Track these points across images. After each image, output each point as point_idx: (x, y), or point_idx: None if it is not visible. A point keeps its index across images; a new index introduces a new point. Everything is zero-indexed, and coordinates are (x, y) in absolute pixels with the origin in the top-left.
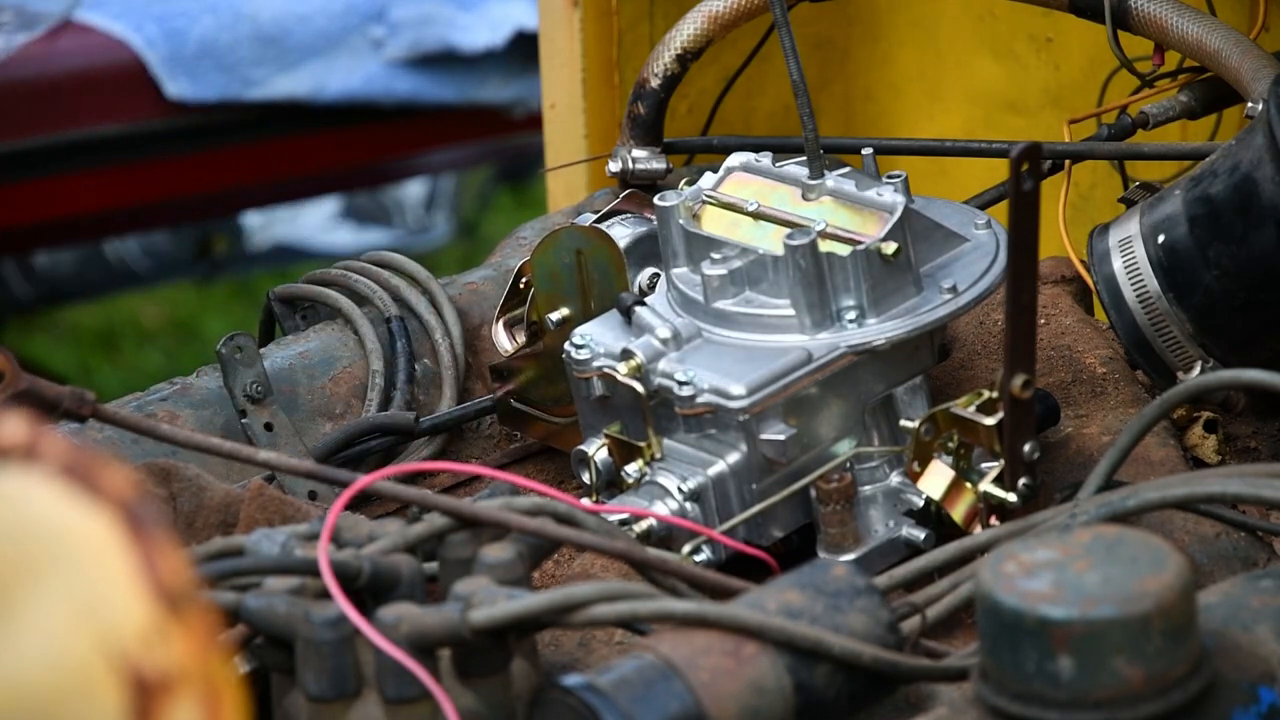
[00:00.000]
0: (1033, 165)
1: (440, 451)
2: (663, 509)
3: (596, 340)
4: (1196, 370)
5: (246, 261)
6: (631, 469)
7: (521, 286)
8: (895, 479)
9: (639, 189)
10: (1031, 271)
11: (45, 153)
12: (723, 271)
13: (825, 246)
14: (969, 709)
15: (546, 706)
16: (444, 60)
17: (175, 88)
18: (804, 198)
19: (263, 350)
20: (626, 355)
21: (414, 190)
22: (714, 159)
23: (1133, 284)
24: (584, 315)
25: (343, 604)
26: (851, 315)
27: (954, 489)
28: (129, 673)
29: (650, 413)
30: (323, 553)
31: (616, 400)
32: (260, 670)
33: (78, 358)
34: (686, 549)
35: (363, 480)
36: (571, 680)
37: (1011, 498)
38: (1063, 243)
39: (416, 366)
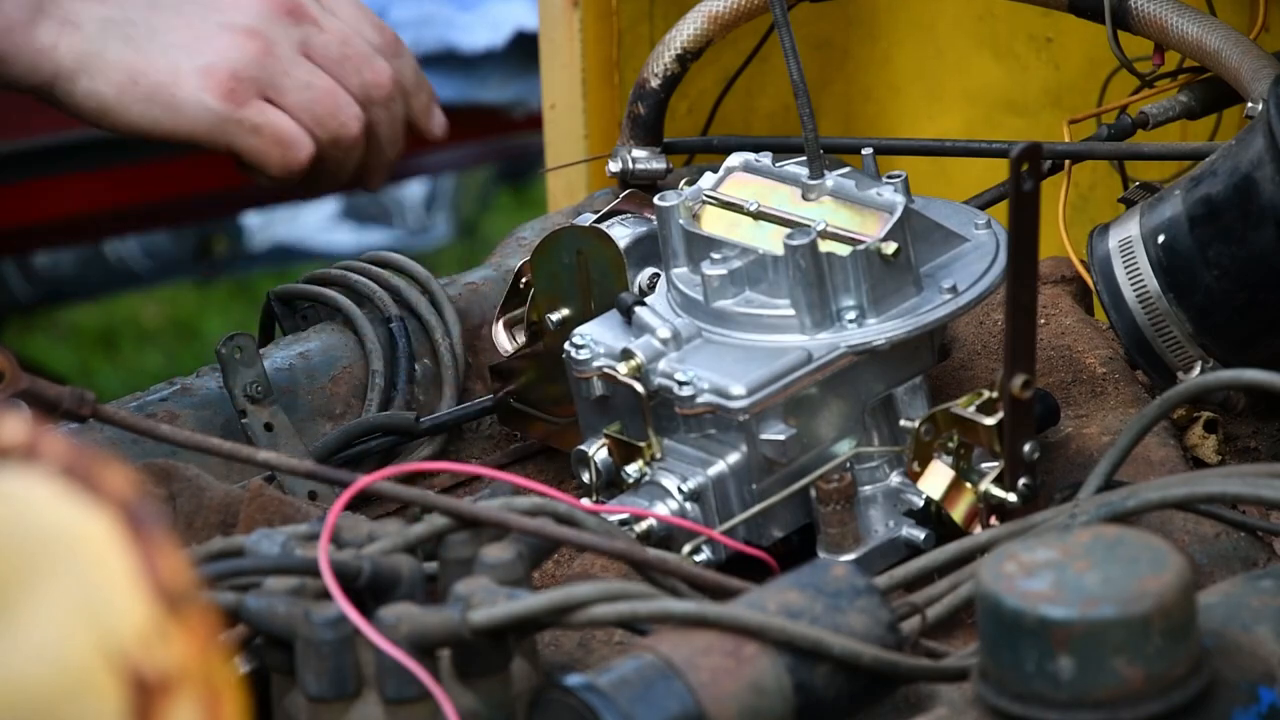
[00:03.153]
0: (1033, 165)
1: (440, 451)
2: (663, 509)
3: (596, 340)
4: (1196, 370)
5: (246, 261)
6: (631, 469)
7: (521, 286)
8: (895, 479)
9: (639, 189)
10: (1031, 271)
11: (45, 153)
12: (723, 271)
13: (825, 246)
14: (969, 709)
15: (546, 706)
16: (444, 60)
17: None
18: (804, 198)
19: (263, 350)
20: (626, 355)
21: (414, 190)
22: (714, 159)
23: (1133, 284)
24: (584, 315)
25: (342, 604)
26: (851, 315)
27: (954, 489)
28: (129, 673)
29: (650, 413)
30: (323, 553)
31: (616, 400)
32: (260, 670)
33: (78, 358)
34: (686, 549)
35: (363, 480)
36: (571, 680)
37: (1011, 498)
38: (1063, 243)
39: (416, 366)
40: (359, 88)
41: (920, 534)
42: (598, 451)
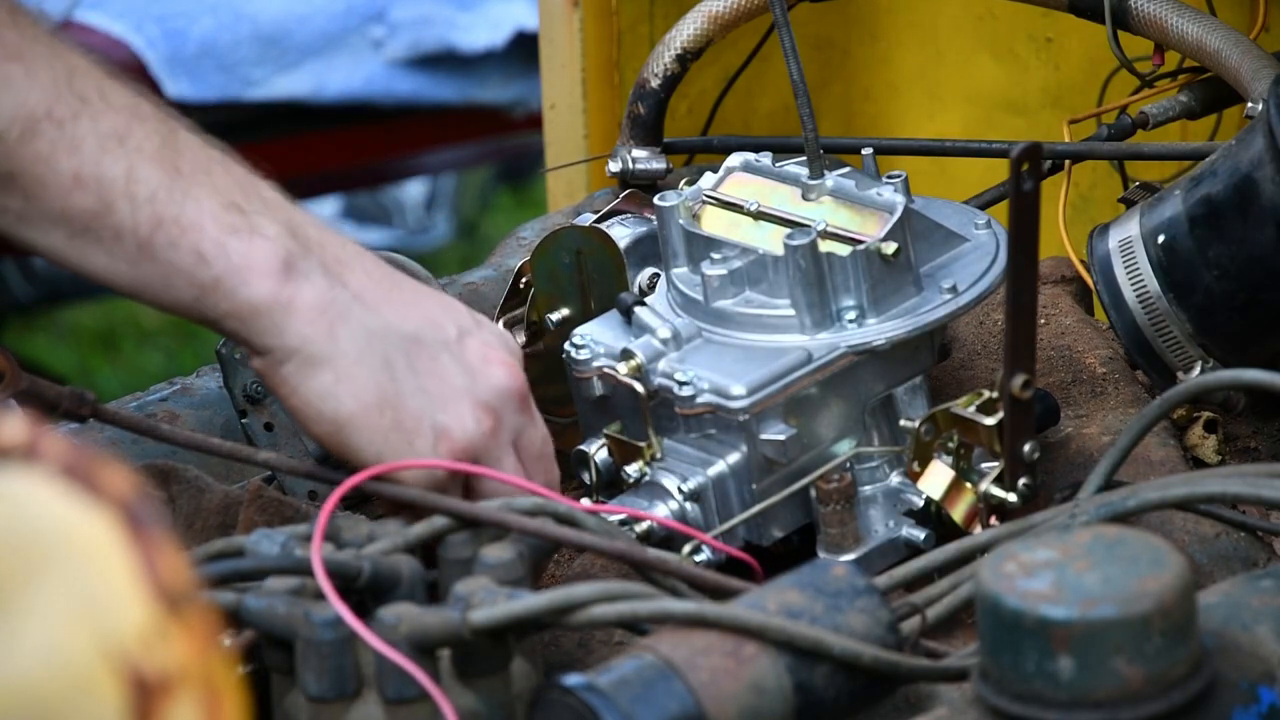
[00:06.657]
0: (1033, 165)
1: None
2: (663, 509)
3: (596, 340)
4: (1196, 370)
5: None
6: (631, 469)
7: (521, 286)
8: (895, 479)
9: (639, 189)
10: (1031, 271)
11: None
12: (723, 271)
13: (825, 246)
14: (969, 709)
15: (546, 706)
16: (444, 60)
17: (175, 88)
18: (804, 198)
19: None
20: (626, 355)
21: (414, 190)
22: (714, 159)
23: (1133, 284)
24: (584, 315)
25: (337, 605)
26: (851, 315)
27: (954, 489)
28: (129, 673)
29: (650, 413)
30: (316, 553)
31: (616, 400)
32: (260, 670)
33: (78, 358)
34: (686, 549)
35: (354, 478)
36: (571, 680)
37: (1011, 498)
38: (1063, 243)
39: None
40: (544, 485)
41: (920, 534)
42: (598, 451)
